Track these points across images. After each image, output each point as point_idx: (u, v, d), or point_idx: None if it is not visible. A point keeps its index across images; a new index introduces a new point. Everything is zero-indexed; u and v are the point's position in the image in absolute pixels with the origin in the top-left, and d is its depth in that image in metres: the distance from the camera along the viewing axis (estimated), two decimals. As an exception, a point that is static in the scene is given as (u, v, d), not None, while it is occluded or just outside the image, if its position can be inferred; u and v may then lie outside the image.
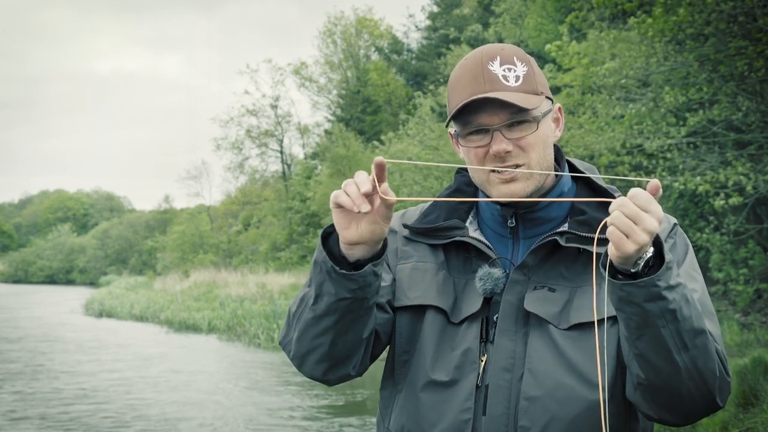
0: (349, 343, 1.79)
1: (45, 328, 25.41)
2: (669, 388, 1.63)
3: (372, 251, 1.72)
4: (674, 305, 1.56)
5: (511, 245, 1.87)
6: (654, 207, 1.51)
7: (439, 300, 1.85)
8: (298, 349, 1.83)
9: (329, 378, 1.86)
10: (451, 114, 1.81)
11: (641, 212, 1.50)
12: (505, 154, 1.77)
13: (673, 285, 1.56)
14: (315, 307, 1.75)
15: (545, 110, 1.82)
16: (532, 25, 22.02)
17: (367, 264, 1.70)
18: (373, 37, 42.50)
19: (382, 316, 1.87)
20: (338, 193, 1.65)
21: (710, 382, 1.64)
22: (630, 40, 11.77)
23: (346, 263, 1.71)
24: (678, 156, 11.09)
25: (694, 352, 1.61)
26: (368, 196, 1.64)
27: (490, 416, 1.76)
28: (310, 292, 1.77)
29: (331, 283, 1.71)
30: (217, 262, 41.67)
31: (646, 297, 1.54)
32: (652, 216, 1.50)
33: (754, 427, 7.39)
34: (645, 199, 1.51)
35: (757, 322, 12.44)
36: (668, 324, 1.57)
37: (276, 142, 44.72)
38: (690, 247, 1.85)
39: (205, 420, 11.26)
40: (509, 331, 1.79)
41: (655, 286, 1.54)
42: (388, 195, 1.64)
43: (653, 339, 1.58)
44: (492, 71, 1.78)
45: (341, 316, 1.74)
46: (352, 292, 1.71)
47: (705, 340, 1.63)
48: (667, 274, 1.55)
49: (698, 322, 1.61)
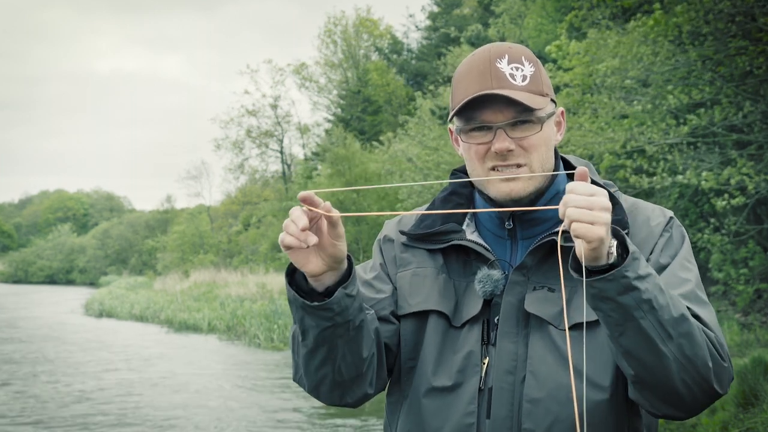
0: (351, 366, 1.78)
1: (45, 328, 25.40)
2: (662, 381, 1.62)
3: (338, 274, 1.71)
4: (648, 294, 1.56)
5: (509, 246, 1.87)
6: (594, 189, 1.53)
7: (441, 304, 1.85)
8: (308, 383, 1.84)
9: (349, 402, 1.86)
10: (455, 108, 1.80)
11: (589, 197, 1.52)
12: (507, 153, 1.77)
13: (643, 275, 1.56)
14: (305, 342, 1.76)
15: (549, 112, 1.82)
16: (532, 25, 22.01)
17: (338, 288, 1.70)
18: (372, 37, 42.50)
19: (388, 328, 1.87)
20: (282, 236, 1.65)
21: (702, 369, 1.63)
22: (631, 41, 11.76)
23: (317, 294, 1.71)
24: (679, 157, 11.09)
25: (679, 341, 1.60)
26: (311, 228, 1.63)
27: (494, 419, 1.76)
28: (297, 329, 1.78)
29: (310, 317, 1.71)
30: (217, 262, 41.66)
31: (618, 290, 1.54)
32: (598, 195, 1.52)
33: (754, 427, 7.39)
34: (585, 185, 1.53)
35: (757, 322, 12.43)
36: (646, 314, 1.57)
37: (276, 142, 44.75)
38: (686, 238, 1.85)
39: (205, 421, 11.25)
40: (510, 333, 1.79)
41: (624, 278, 1.54)
42: (331, 211, 1.64)
43: (635, 332, 1.58)
44: (500, 69, 1.78)
45: (332, 344, 1.74)
46: (332, 320, 1.70)
47: (688, 327, 1.61)
48: (634, 264, 1.55)
49: (677, 310, 1.61)
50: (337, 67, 42.56)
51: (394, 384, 1.92)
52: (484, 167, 1.80)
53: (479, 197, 1.90)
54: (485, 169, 1.80)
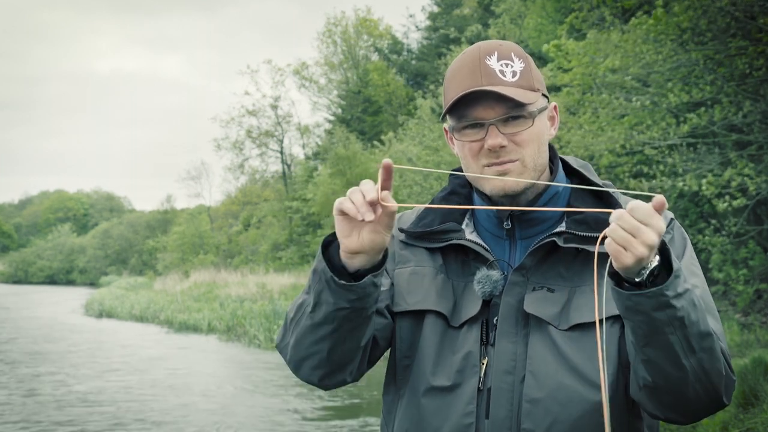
0: (346, 351, 1.78)
1: (45, 328, 25.41)
2: (676, 390, 1.63)
3: (372, 261, 1.70)
4: (682, 312, 1.56)
5: (508, 246, 1.86)
6: (654, 221, 1.49)
7: (439, 304, 1.84)
8: (294, 354, 1.82)
9: (325, 383, 1.85)
10: (446, 107, 1.80)
11: (640, 225, 1.48)
12: (500, 149, 1.77)
13: (681, 292, 1.55)
14: (313, 314, 1.74)
15: (541, 107, 1.82)
16: (532, 25, 22.02)
17: (367, 274, 1.69)
18: (372, 37, 42.49)
19: (380, 322, 1.86)
20: (343, 200, 1.64)
21: (716, 382, 1.64)
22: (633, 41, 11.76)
23: (345, 273, 1.70)
24: (678, 158, 11.09)
25: (701, 355, 1.60)
26: (373, 205, 1.63)
27: (493, 419, 1.76)
28: (308, 300, 1.76)
29: (330, 293, 1.70)
30: (217, 263, 41.66)
31: (654, 306, 1.53)
32: (651, 230, 1.49)
33: (755, 427, 7.39)
34: (645, 212, 1.49)
35: (758, 323, 12.43)
36: (676, 331, 1.56)
37: (276, 142, 44.72)
38: (688, 240, 1.85)
39: (205, 421, 11.25)
40: (510, 333, 1.78)
41: (663, 296, 1.53)
42: (389, 202, 1.63)
43: (661, 345, 1.58)
44: (489, 66, 1.78)
45: (339, 325, 1.73)
46: (351, 303, 1.69)
47: (711, 341, 1.62)
48: (675, 283, 1.54)
49: (705, 325, 1.61)
50: (337, 68, 42.56)
51: (389, 382, 1.92)
52: (479, 164, 1.80)
53: (477, 197, 1.90)
54: (479, 166, 1.80)
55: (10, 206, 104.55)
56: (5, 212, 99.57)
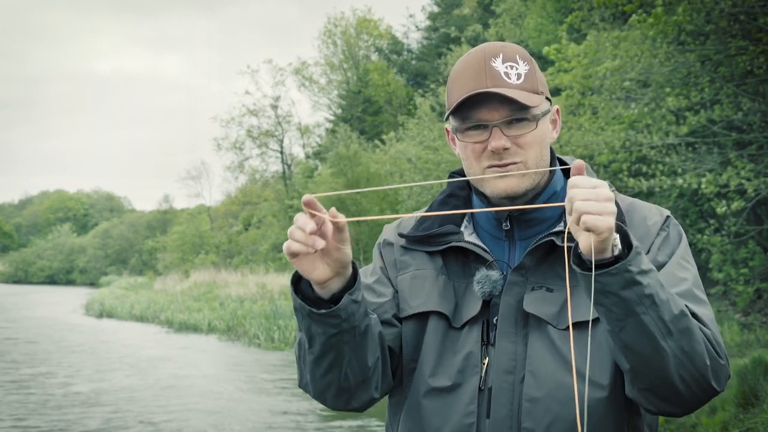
0: (357, 371, 1.79)
1: (46, 328, 25.42)
2: (660, 376, 1.63)
3: (344, 279, 1.70)
4: (650, 290, 1.57)
5: (507, 247, 1.87)
6: (596, 180, 1.55)
7: (441, 305, 1.85)
8: (314, 389, 1.84)
9: (355, 406, 1.86)
10: (451, 108, 1.81)
11: (593, 189, 1.53)
12: (503, 151, 1.78)
13: (646, 270, 1.57)
14: (312, 349, 1.75)
15: (544, 110, 1.83)
16: (532, 25, 22.03)
17: (344, 293, 1.69)
18: (372, 37, 42.49)
19: (391, 331, 1.87)
20: (287, 244, 1.63)
21: (700, 366, 1.64)
22: (632, 40, 11.76)
23: (323, 301, 1.70)
24: (677, 158, 11.09)
25: (678, 336, 1.61)
26: (317, 233, 1.61)
27: (493, 419, 1.77)
28: (303, 337, 1.78)
29: (316, 325, 1.70)
30: (217, 263, 41.67)
31: (621, 284, 1.55)
32: (601, 187, 1.54)
33: (755, 427, 7.39)
34: (586, 179, 1.55)
35: (758, 323, 12.43)
36: (648, 309, 1.58)
37: (276, 142, 44.71)
38: (683, 236, 1.86)
39: (205, 422, 11.26)
40: (509, 332, 1.80)
41: (627, 272, 1.54)
42: (337, 217, 1.63)
43: (636, 327, 1.59)
44: (494, 68, 1.79)
45: (339, 351, 1.74)
46: (339, 327, 1.70)
47: (688, 323, 1.63)
48: (637, 259, 1.56)
49: (677, 306, 1.62)
50: (337, 68, 42.55)
51: (396, 385, 1.93)
52: (481, 166, 1.81)
53: (476, 198, 1.91)
54: (481, 168, 1.81)
55: (10, 206, 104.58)
56: (5, 212, 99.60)
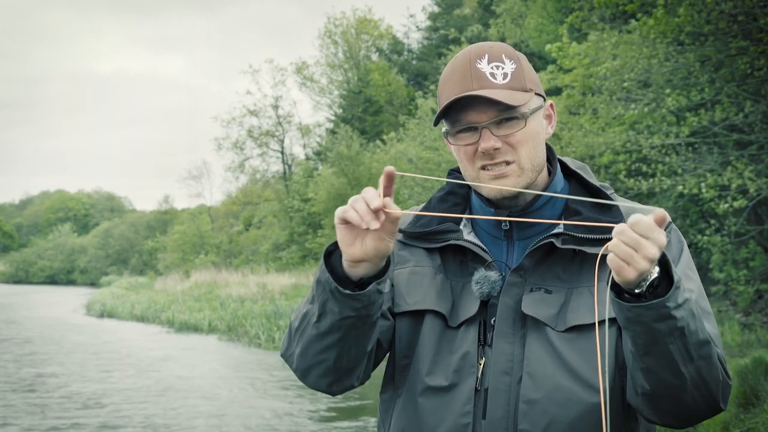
0: (353, 358, 1.78)
1: (46, 328, 25.42)
2: (675, 397, 1.64)
3: (376, 268, 1.69)
4: (682, 323, 1.56)
5: (505, 247, 1.87)
6: (655, 234, 1.48)
7: (438, 304, 1.84)
8: (301, 363, 1.82)
9: (333, 390, 1.85)
10: (439, 112, 1.81)
11: (641, 239, 1.47)
12: (494, 151, 1.77)
13: (681, 303, 1.55)
14: (318, 324, 1.74)
15: (534, 107, 1.82)
16: (533, 25, 22.02)
17: (371, 282, 1.68)
18: (372, 37, 42.47)
19: (383, 324, 1.86)
20: (345, 208, 1.62)
21: (714, 388, 1.66)
22: (632, 42, 11.77)
23: (349, 282, 1.69)
24: (677, 158, 11.09)
25: (699, 362, 1.61)
26: (377, 213, 1.61)
27: (490, 420, 1.76)
28: (312, 309, 1.75)
29: (334, 303, 1.69)
30: (217, 263, 41.67)
31: (655, 318, 1.53)
32: (653, 243, 1.48)
33: (755, 427, 7.39)
34: (646, 226, 1.48)
35: (758, 323, 12.43)
36: (676, 340, 1.57)
37: (277, 142, 44.71)
38: (685, 244, 1.85)
39: (206, 423, 11.26)
40: (507, 333, 1.79)
41: (664, 308, 1.53)
42: (392, 209, 1.62)
43: (661, 354, 1.58)
44: (480, 69, 1.79)
45: (345, 334, 1.73)
46: (356, 311, 1.69)
47: (709, 349, 1.63)
48: (675, 294, 1.54)
49: (703, 334, 1.62)
50: (338, 68, 42.54)
51: (387, 382, 1.92)
52: (474, 167, 1.81)
53: (475, 197, 1.91)
54: (475, 169, 1.81)
55: (11, 206, 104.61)
56: (6, 212, 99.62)
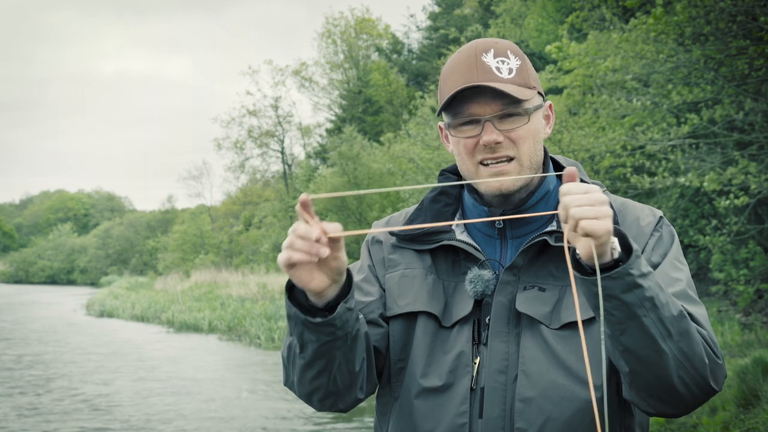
0: (346, 375, 1.77)
1: (47, 329, 25.43)
2: (660, 378, 1.63)
3: (339, 287, 1.67)
4: (651, 292, 1.56)
5: (498, 246, 1.86)
6: (587, 186, 1.53)
7: (430, 305, 1.84)
8: (300, 391, 1.83)
9: (341, 408, 1.85)
10: (442, 103, 1.80)
11: (587, 195, 1.51)
12: (496, 145, 1.77)
13: (646, 272, 1.56)
14: (303, 354, 1.73)
15: (537, 104, 1.82)
16: (533, 25, 22.03)
17: (339, 301, 1.67)
18: (372, 37, 42.46)
19: (377, 331, 1.86)
20: (287, 255, 1.57)
21: (699, 366, 1.64)
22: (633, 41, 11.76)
23: (317, 309, 1.68)
24: (680, 156, 11.09)
25: (677, 338, 1.60)
26: (318, 240, 1.56)
27: (486, 419, 1.76)
28: (294, 341, 1.75)
29: (310, 333, 1.68)
30: (218, 263, 41.67)
31: (622, 288, 1.54)
32: (593, 191, 1.52)
33: (755, 427, 7.39)
34: (577, 185, 1.53)
35: (758, 323, 12.42)
36: (649, 312, 1.57)
37: (277, 142, 44.71)
38: (675, 237, 1.85)
39: (206, 423, 11.26)
40: (501, 332, 1.78)
41: (629, 275, 1.54)
42: (332, 232, 1.58)
43: (637, 330, 1.58)
44: (485, 63, 1.78)
45: (331, 357, 1.72)
46: (332, 334, 1.68)
47: (687, 324, 1.62)
48: (637, 263, 1.55)
49: (676, 308, 1.61)
50: (337, 68, 42.53)
51: (383, 385, 1.91)
52: (474, 161, 1.80)
53: (468, 196, 1.90)
54: (475, 163, 1.80)
55: (11, 206, 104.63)
56: (6, 212, 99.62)
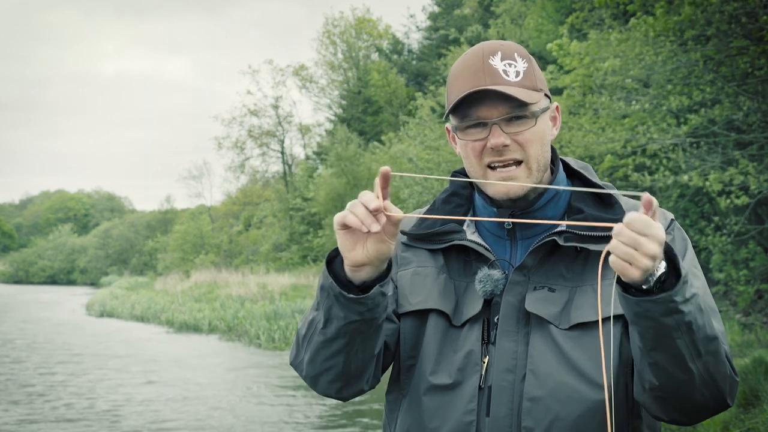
0: (360, 362, 1.79)
1: (47, 329, 25.42)
2: (683, 393, 1.64)
3: (378, 271, 1.69)
4: (690, 317, 1.56)
5: (509, 246, 1.87)
6: (653, 230, 1.47)
7: (441, 303, 1.85)
8: (310, 370, 1.83)
9: (343, 395, 1.86)
10: (450, 106, 1.81)
11: (640, 237, 1.47)
12: (503, 149, 1.78)
13: (689, 297, 1.55)
14: (325, 330, 1.74)
15: (544, 107, 1.82)
16: (533, 25, 22.02)
17: (374, 285, 1.69)
18: (372, 37, 42.44)
19: (388, 327, 1.87)
20: (344, 213, 1.62)
21: (722, 385, 1.66)
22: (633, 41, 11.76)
23: (352, 286, 1.69)
24: (681, 155, 11.08)
25: (707, 358, 1.61)
26: (376, 215, 1.61)
27: (493, 417, 1.76)
28: (318, 316, 1.76)
29: (339, 308, 1.69)
30: (217, 263, 41.67)
31: (663, 312, 1.53)
32: (651, 240, 1.47)
33: (755, 427, 7.39)
34: (643, 223, 1.47)
35: (758, 323, 12.42)
36: (684, 335, 1.57)
37: (277, 142, 44.69)
38: (688, 242, 1.85)
39: (206, 424, 11.26)
40: (510, 332, 1.79)
41: (672, 302, 1.52)
42: (392, 211, 1.62)
43: (669, 349, 1.58)
44: (493, 66, 1.79)
45: (352, 338, 1.73)
46: (361, 315, 1.69)
47: (717, 345, 1.63)
48: (683, 289, 1.54)
49: (711, 329, 1.62)
50: (337, 68, 42.51)
51: (393, 382, 1.92)
52: (481, 164, 1.81)
53: (479, 197, 1.91)
54: (482, 166, 1.81)
55: (11, 206, 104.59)
56: (6, 212, 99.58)
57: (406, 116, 27.92)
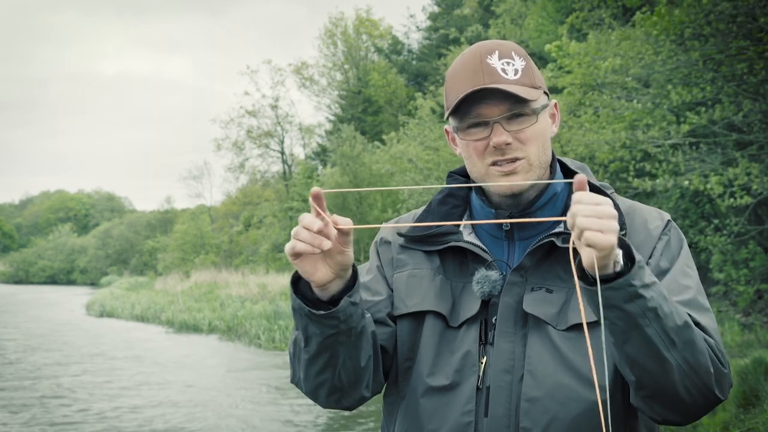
0: (351, 371, 1.80)
1: (47, 329, 25.43)
2: (665, 387, 1.63)
3: (344, 281, 1.70)
4: (653, 303, 1.56)
5: (506, 247, 1.87)
6: (600, 197, 1.51)
7: (438, 305, 1.85)
8: (307, 387, 1.85)
9: (346, 405, 1.87)
10: (450, 107, 1.80)
11: (595, 206, 1.50)
12: (506, 147, 1.77)
13: (648, 283, 1.56)
14: (308, 348, 1.76)
15: (543, 104, 1.82)
16: (533, 25, 22.03)
17: (343, 296, 1.70)
18: (372, 37, 42.45)
19: (384, 331, 1.87)
20: (292, 243, 1.62)
21: (704, 376, 1.64)
22: (634, 39, 11.76)
23: (321, 302, 1.71)
24: (681, 157, 11.08)
25: (681, 347, 1.61)
26: (322, 232, 1.61)
27: (491, 418, 1.76)
28: (299, 335, 1.78)
29: (314, 326, 1.71)
30: (217, 263, 41.67)
31: (624, 298, 1.54)
32: (604, 204, 1.50)
33: (755, 427, 7.39)
34: (589, 195, 1.50)
35: (758, 323, 12.43)
36: (651, 322, 1.57)
37: (277, 142, 44.68)
38: (684, 242, 1.85)
39: (206, 424, 11.26)
40: (508, 332, 1.79)
41: (630, 286, 1.54)
42: (341, 223, 1.63)
43: (640, 340, 1.59)
44: (491, 65, 1.79)
45: (335, 351, 1.75)
46: (336, 328, 1.70)
47: (691, 334, 1.63)
48: (640, 273, 1.55)
49: (680, 318, 1.61)
50: (337, 68, 42.51)
51: (391, 385, 1.92)
52: (484, 163, 1.81)
53: (476, 198, 1.90)
54: (485, 165, 1.81)
55: (11, 206, 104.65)
56: (6, 212, 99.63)
57: (405, 116, 27.92)
